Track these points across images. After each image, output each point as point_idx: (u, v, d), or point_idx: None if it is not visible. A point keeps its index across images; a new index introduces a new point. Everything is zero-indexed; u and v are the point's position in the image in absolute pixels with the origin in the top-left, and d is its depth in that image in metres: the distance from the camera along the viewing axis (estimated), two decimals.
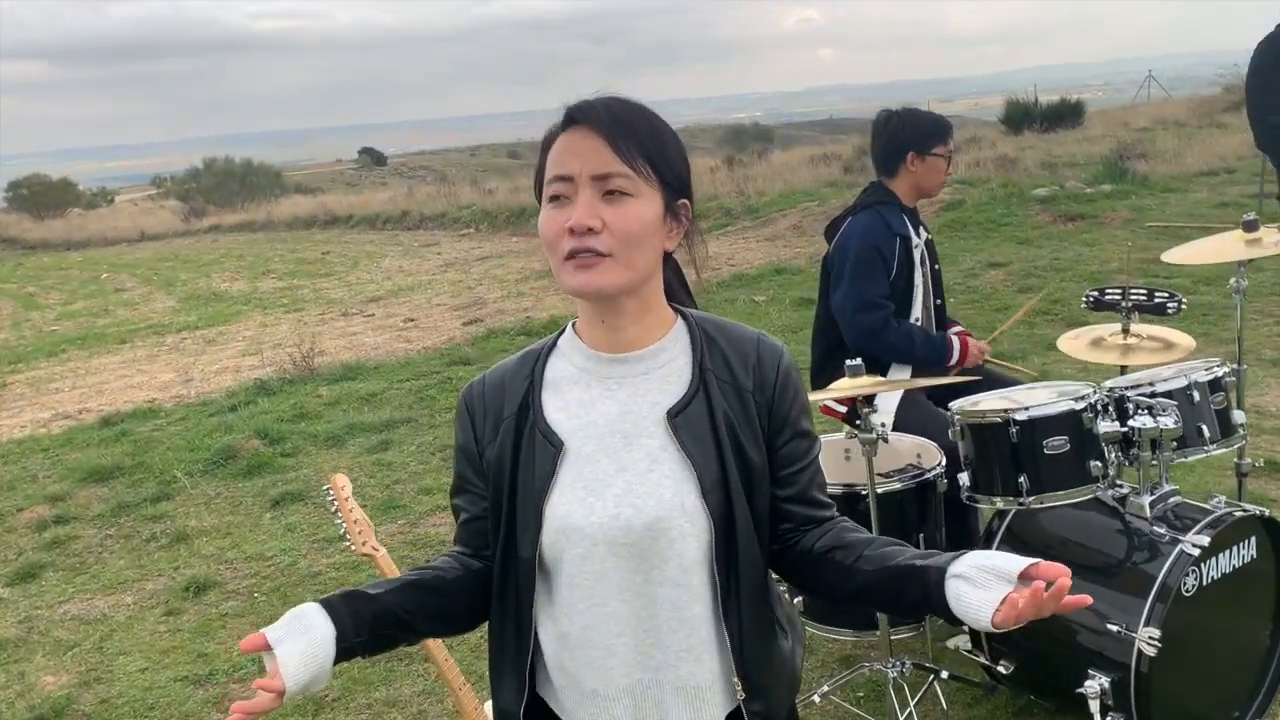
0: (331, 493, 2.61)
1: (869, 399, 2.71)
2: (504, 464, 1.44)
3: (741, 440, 1.41)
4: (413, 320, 10.53)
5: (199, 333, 11.66)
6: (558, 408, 1.44)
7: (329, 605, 1.39)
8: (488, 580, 1.49)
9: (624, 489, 1.38)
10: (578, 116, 1.37)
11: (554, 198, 1.36)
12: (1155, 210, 9.25)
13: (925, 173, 3.47)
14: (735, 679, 1.43)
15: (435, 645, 2.57)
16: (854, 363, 2.73)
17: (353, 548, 2.57)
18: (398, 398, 7.06)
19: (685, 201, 1.44)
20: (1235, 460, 3.27)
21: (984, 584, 1.26)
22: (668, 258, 1.47)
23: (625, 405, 1.42)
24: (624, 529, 1.37)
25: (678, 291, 1.60)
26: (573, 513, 1.39)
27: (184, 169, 45.75)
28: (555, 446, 1.41)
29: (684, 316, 1.49)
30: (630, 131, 1.36)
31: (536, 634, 1.46)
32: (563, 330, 1.52)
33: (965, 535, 3.25)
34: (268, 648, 1.32)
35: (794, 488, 1.47)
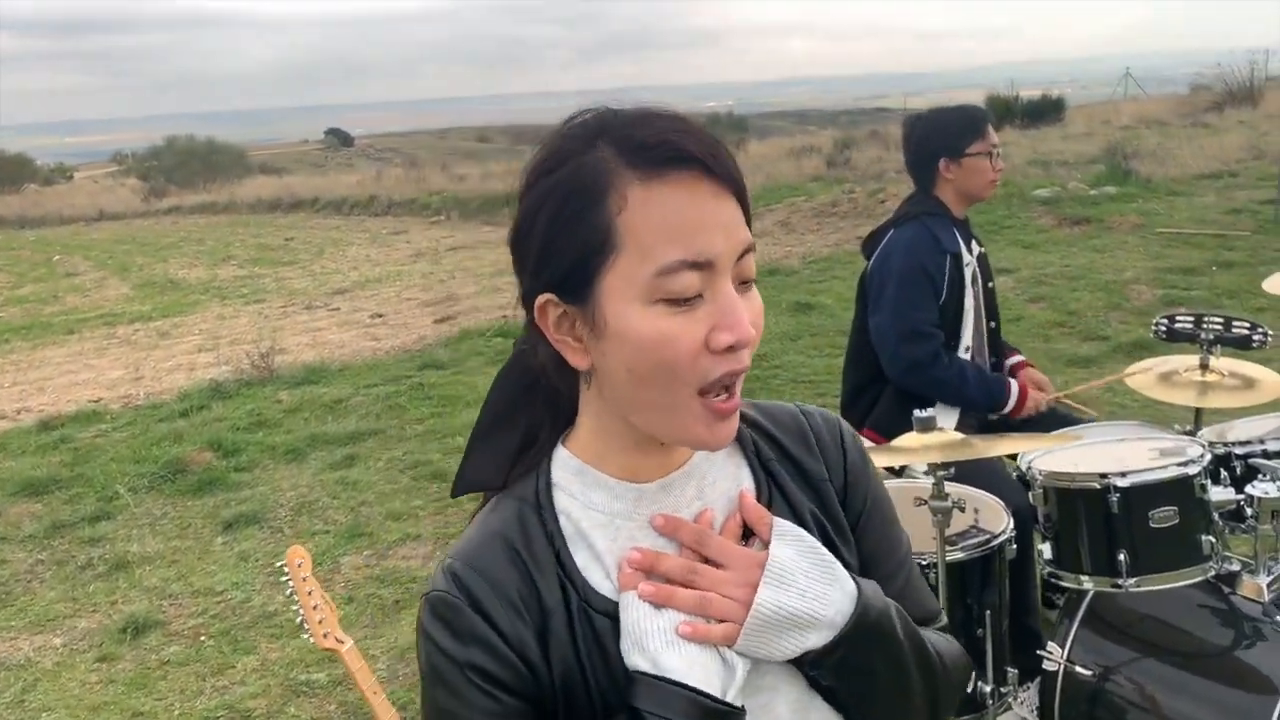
0: (287, 571, 2.13)
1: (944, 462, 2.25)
2: (572, 674, 0.96)
3: (837, 545, 1.05)
4: (380, 316, 9.99)
5: (153, 324, 11.08)
6: (603, 575, 0.99)
7: None
8: None
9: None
10: (701, 157, 0.89)
11: (684, 300, 0.89)
12: (1164, 215, 8.91)
13: (965, 176, 3.04)
14: None
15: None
16: (925, 415, 2.27)
17: (310, 639, 2.10)
18: (364, 405, 6.53)
19: None
20: None
21: None
22: None
23: None
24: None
25: None
26: None
27: (146, 146, 44.89)
28: None
29: None
30: (743, 179, 0.93)
31: None
32: (551, 455, 1.04)
33: (1025, 608, 2.81)
34: None
35: (894, 585, 1.08)
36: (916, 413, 2.28)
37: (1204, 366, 2.90)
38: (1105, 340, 6.12)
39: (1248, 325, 3.10)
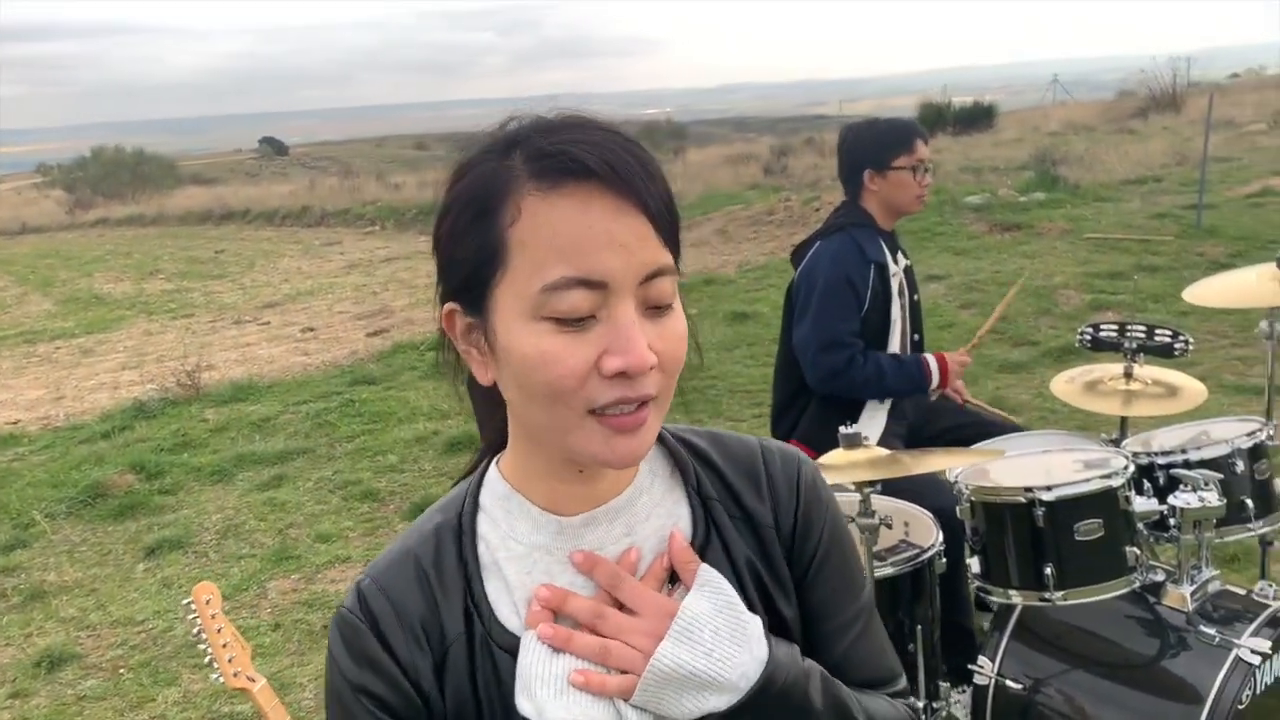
0: (194, 608, 2.03)
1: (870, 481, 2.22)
2: (465, 709, 0.94)
3: (772, 596, 1.00)
4: (312, 330, 9.80)
5: (75, 341, 10.76)
6: (512, 609, 0.95)
7: None
8: None
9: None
10: (598, 169, 0.84)
11: (573, 321, 0.85)
12: (1091, 220, 9.06)
13: (890, 189, 3.04)
14: None
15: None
16: (849, 431, 2.25)
17: (219, 680, 2.00)
18: (293, 424, 6.38)
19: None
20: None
21: None
22: None
23: None
24: None
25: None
26: None
27: (72, 157, 43.74)
28: None
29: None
30: (662, 192, 0.88)
31: None
32: (483, 475, 1.01)
33: (957, 607, 2.81)
34: None
35: (840, 646, 1.04)
36: (842, 429, 2.26)
37: (1128, 375, 2.93)
38: (1035, 345, 6.20)
39: (1170, 334, 3.13)
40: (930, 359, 3.08)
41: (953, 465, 2.33)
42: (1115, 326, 3.15)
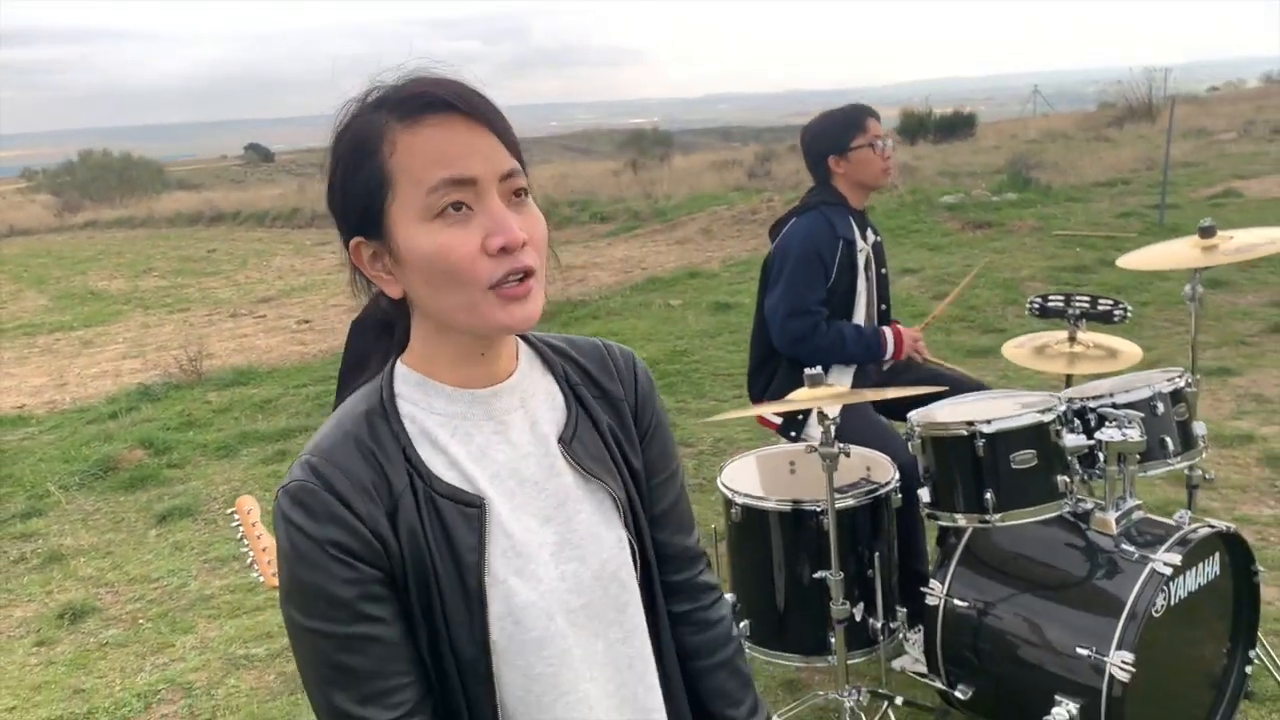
0: (237, 517, 2.32)
1: (821, 411, 2.52)
2: (420, 550, 1.11)
3: (627, 453, 1.28)
4: (307, 322, 10.05)
5: (74, 333, 10.96)
6: (445, 465, 1.14)
7: None
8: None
9: (558, 540, 1.18)
10: (455, 101, 1.07)
11: (454, 206, 1.06)
12: (1061, 219, 9.41)
13: (855, 168, 3.31)
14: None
15: None
16: (813, 372, 2.54)
17: (260, 579, 2.28)
18: (294, 404, 6.65)
19: None
20: (1186, 472, 3.19)
21: None
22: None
23: (517, 445, 1.19)
24: (574, 588, 1.18)
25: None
26: (517, 588, 1.14)
27: (58, 161, 43.66)
28: (475, 507, 1.13)
29: (522, 338, 1.27)
30: (505, 121, 1.11)
31: None
32: (390, 371, 1.19)
33: (914, 554, 3.11)
34: None
35: (665, 500, 1.33)
36: (807, 371, 2.55)
37: (1072, 339, 3.23)
38: (1002, 333, 6.52)
39: (1111, 302, 3.44)
40: (887, 331, 3.36)
41: (902, 395, 2.62)
42: (1062, 297, 3.45)
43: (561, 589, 1.16)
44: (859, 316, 3.38)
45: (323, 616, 1.08)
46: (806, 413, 3.28)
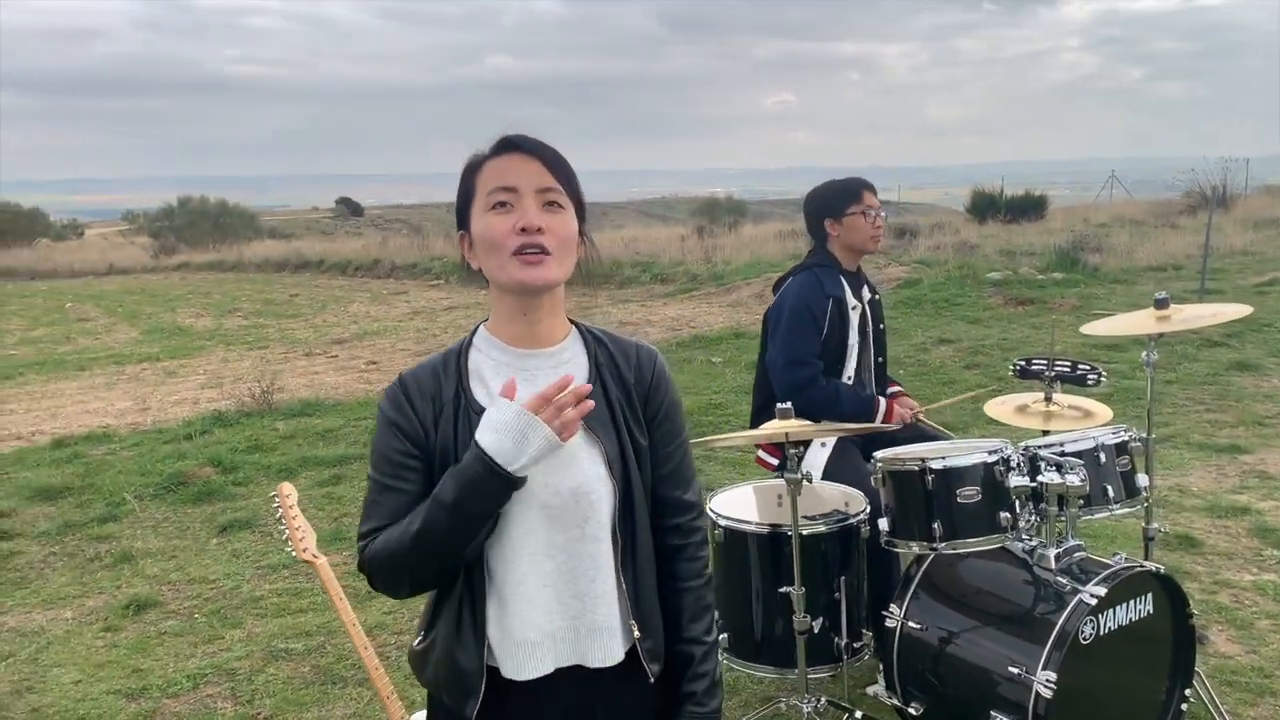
0: (277, 499, 2.72)
1: (797, 443, 2.86)
2: (449, 442, 1.61)
3: (629, 422, 1.69)
4: (375, 363, 10.62)
5: (160, 364, 11.67)
6: (484, 395, 1.64)
7: None
8: None
9: (551, 461, 1.58)
10: (520, 144, 1.61)
11: (500, 204, 1.58)
12: (1103, 299, 9.58)
13: (848, 233, 3.66)
14: (632, 621, 1.68)
15: (366, 654, 2.67)
16: (784, 406, 2.89)
17: (293, 553, 2.68)
18: (354, 434, 7.14)
19: (585, 228, 1.69)
20: (1143, 525, 3.44)
21: None
22: None
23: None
24: (552, 493, 1.60)
25: None
26: None
27: (158, 206, 45.59)
28: None
29: (576, 324, 1.74)
30: (559, 161, 1.63)
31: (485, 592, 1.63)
32: (475, 330, 1.72)
33: (888, 586, 3.39)
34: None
35: (669, 465, 1.74)
36: (778, 405, 2.90)
37: (1048, 399, 3.52)
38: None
39: (1088, 367, 3.74)
40: (881, 400, 3.67)
41: (861, 433, 2.93)
42: (1044, 361, 3.74)
43: (542, 491, 1.59)
44: (850, 368, 3.69)
45: (375, 467, 1.64)
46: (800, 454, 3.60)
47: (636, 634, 1.68)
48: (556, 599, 1.64)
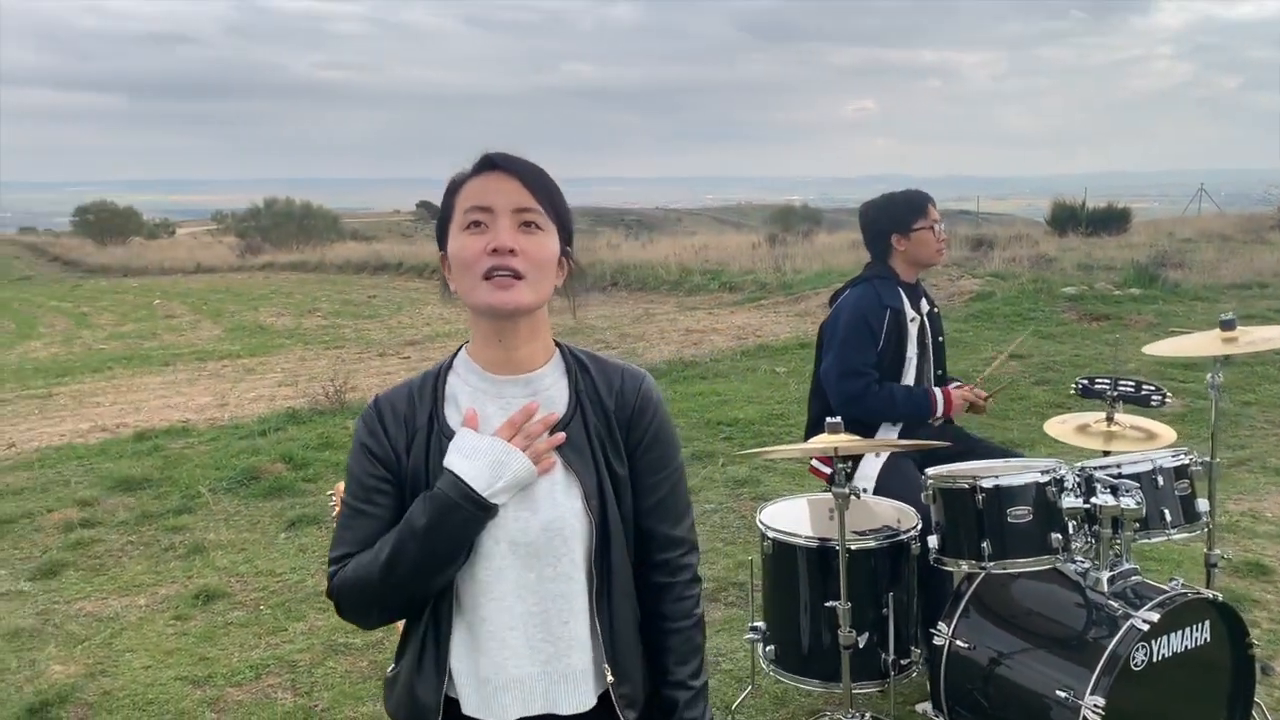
0: (334, 498, 2.80)
1: (847, 458, 2.86)
2: (419, 468, 1.57)
3: (608, 454, 1.61)
4: None
5: (240, 361, 12.01)
6: (458, 421, 1.59)
7: None
8: None
9: (522, 495, 1.55)
10: (499, 162, 1.55)
11: (474, 224, 1.53)
12: (1181, 317, 9.34)
13: (914, 248, 3.64)
14: (605, 665, 1.61)
15: None
16: (834, 420, 2.89)
17: None
18: None
19: (570, 250, 1.63)
20: (1205, 551, 3.36)
21: None
22: None
23: None
24: (522, 530, 1.55)
25: None
26: None
27: (245, 207, 46.69)
28: None
29: (561, 348, 1.67)
30: (540, 180, 1.57)
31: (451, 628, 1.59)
32: (456, 351, 1.67)
33: (940, 604, 3.35)
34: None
35: (654, 496, 1.66)
36: (828, 420, 2.91)
37: (1109, 419, 3.46)
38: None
39: (1153, 388, 3.66)
40: (937, 391, 3.65)
41: (909, 449, 2.92)
42: (1107, 380, 3.68)
43: (512, 527, 1.55)
44: (908, 379, 3.67)
45: (348, 490, 1.62)
46: (853, 466, 3.58)
47: (610, 679, 1.61)
48: (527, 643, 1.58)
